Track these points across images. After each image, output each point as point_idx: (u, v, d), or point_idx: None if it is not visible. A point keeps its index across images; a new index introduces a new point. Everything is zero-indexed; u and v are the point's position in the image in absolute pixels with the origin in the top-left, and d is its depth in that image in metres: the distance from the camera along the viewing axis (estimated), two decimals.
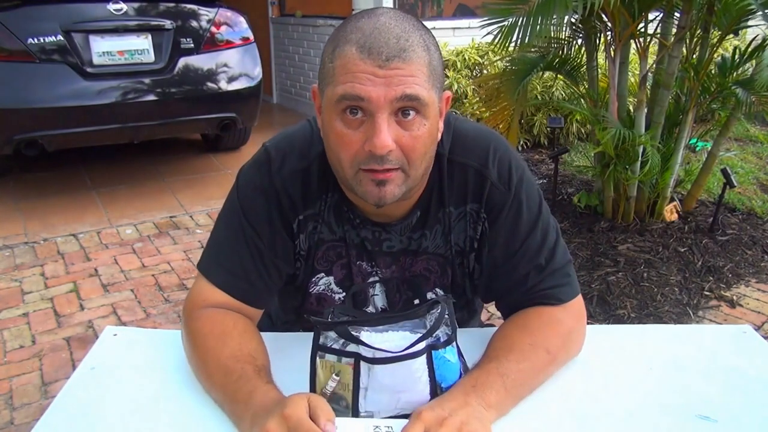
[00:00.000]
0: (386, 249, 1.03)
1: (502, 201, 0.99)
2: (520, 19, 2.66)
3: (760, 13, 2.55)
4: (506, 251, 1.00)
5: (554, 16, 2.56)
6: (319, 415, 0.74)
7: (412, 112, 0.84)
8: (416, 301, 1.06)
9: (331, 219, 1.02)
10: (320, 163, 0.98)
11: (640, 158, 3.05)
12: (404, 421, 0.79)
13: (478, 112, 4.43)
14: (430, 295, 1.07)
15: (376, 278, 1.06)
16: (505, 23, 2.74)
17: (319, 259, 1.04)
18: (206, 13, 3.98)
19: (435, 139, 0.91)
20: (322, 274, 1.05)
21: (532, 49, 3.32)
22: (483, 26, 2.88)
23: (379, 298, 1.08)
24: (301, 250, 1.03)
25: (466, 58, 4.86)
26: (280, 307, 1.19)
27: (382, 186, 0.87)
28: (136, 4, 3.73)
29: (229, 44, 4.03)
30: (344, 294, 1.06)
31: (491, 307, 2.41)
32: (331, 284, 1.06)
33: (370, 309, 1.09)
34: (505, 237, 1.00)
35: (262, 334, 0.98)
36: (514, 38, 2.70)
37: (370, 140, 0.83)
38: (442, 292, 1.07)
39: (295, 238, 1.02)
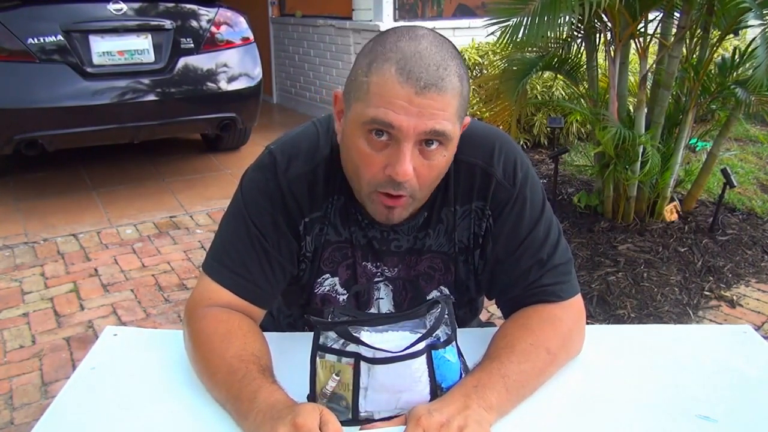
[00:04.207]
0: (394, 248, 1.04)
1: (506, 197, 1.00)
2: (525, 18, 2.66)
3: (755, 13, 2.55)
4: (510, 245, 1.01)
5: (559, 16, 2.56)
6: (329, 429, 0.74)
7: (435, 143, 0.87)
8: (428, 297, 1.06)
9: (337, 221, 1.02)
10: (327, 166, 0.99)
11: (640, 158, 3.05)
12: (403, 428, 0.79)
13: (478, 113, 4.43)
14: (434, 293, 1.07)
15: (381, 279, 1.06)
16: (509, 23, 2.74)
17: (325, 260, 1.05)
18: (206, 13, 3.98)
19: (448, 165, 0.93)
20: (328, 275, 1.06)
21: (532, 49, 3.32)
22: (487, 26, 2.89)
23: (384, 302, 1.08)
24: (307, 251, 1.04)
25: (466, 58, 4.86)
26: (285, 304, 1.19)
27: (391, 209, 0.91)
28: (136, 4, 3.73)
29: (229, 44, 4.03)
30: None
31: (491, 307, 2.41)
32: (336, 285, 1.06)
33: (374, 311, 1.09)
34: (509, 231, 1.01)
35: (264, 334, 0.98)
36: (519, 37, 2.70)
37: (392, 166, 0.85)
38: (446, 290, 1.08)
39: (302, 240, 1.02)
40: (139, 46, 3.70)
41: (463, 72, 0.88)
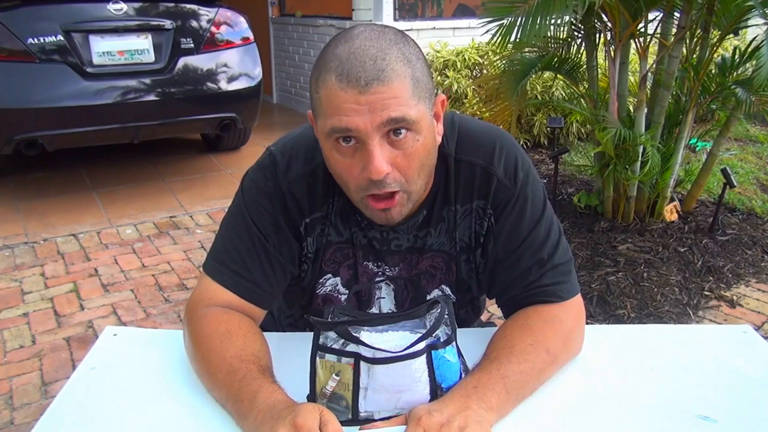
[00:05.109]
0: (394, 248, 1.05)
1: (507, 196, 1.00)
2: (519, 18, 2.66)
3: (758, 12, 2.55)
4: (510, 244, 1.01)
5: (554, 16, 2.56)
6: (329, 429, 0.74)
7: (403, 131, 0.85)
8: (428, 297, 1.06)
9: (338, 221, 1.03)
10: (326, 167, 0.99)
11: (640, 158, 3.05)
12: (403, 428, 0.79)
13: (478, 113, 4.43)
14: (436, 292, 1.07)
15: (382, 278, 1.06)
16: (504, 22, 2.74)
17: (327, 261, 1.05)
18: (206, 13, 3.98)
19: (431, 150, 0.92)
20: (330, 275, 1.06)
21: (533, 49, 3.32)
22: (482, 25, 2.89)
23: (385, 302, 1.08)
24: (309, 252, 1.04)
25: (466, 58, 4.86)
26: (286, 304, 1.19)
27: (387, 211, 0.90)
28: (136, 4, 3.73)
29: (229, 44, 4.03)
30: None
31: (492, 307, 2.41)
32: (337, 285, 1.07)
33: (375, 311, 1.09)
34: (510, 230, 1.01)
35: (264, 334, 0.99)
36: (513, 37, 2.70)
37: (365, 168, 0.85)
38: (448, 289, 1.08)
39: (303, 241, 1.03)
40: (139, 46, 3.70)
41: (410, 53, 0.86)
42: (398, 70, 0.83)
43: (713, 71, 3.08)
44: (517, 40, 2.72)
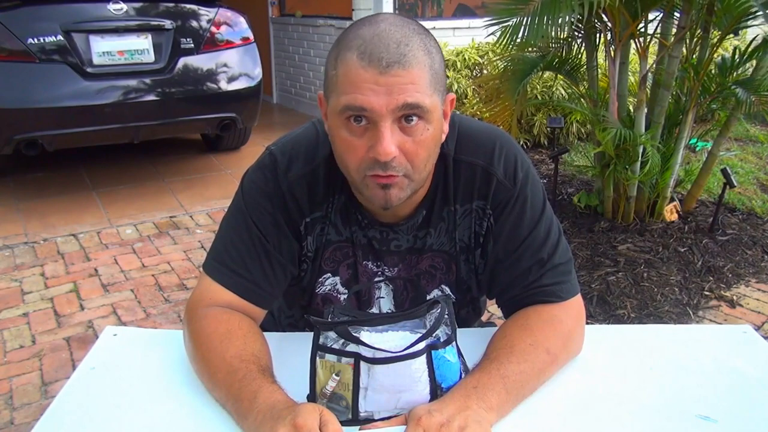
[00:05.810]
0: (394, 248, 1.05)
1: (507, 197, 1.00)
2: (525, 19, 2.66)
3: (761, 13, 2.55)
4: (510, 244, 1.01)
5: (559, 16, 2.56)
6: (329, 429, 0.74)
7: (415, 118, 0.86)
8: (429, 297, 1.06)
9: (337, 221, 1.03)
10: (326, 166, 0.99)
11: (640, 158, 3.05)
12: (403, 428, 0.79)
13: (478, 113, 4.43)
14: (436, 292, 1.08)
15: (382, 278, 1.06)
16: (509, 23, 2.74)
17: (326, 260, 1.05)
18: (206, 13, 3.98)
19: (438, 143, 0.93)
20: (329, 274, 1.06)
21: (533, 49, 3.32)
22: (487, 26, 2.89)
23: (385, 301, 1.08)
24: (308, 251, 1.04)
25: (466, 58, 4.86)
26: (286, 304, 1.19)
27: (387, 189, 0.89)
28: (136, 4, 3.73)
29: (229, 44, 4.04)
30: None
31: (492, 307, 2.41)
32: (337, 285, 1.07)
33: (375, 311, 1.09)
34: (509, 230, 1.01)
35: (264, 334, 0.99)
36: (518, 38, 2.70)
37: (373, 148, 0.85)
38: (448, 289, 1.08)
39: (303, 240, 1.03)
40: (139, 46, 3.70)
41: (431, 46, 0.87)
42: (419, 57, 0.84)
43: (713, 71, 3.09)
44: (524, 40, 2.72)
